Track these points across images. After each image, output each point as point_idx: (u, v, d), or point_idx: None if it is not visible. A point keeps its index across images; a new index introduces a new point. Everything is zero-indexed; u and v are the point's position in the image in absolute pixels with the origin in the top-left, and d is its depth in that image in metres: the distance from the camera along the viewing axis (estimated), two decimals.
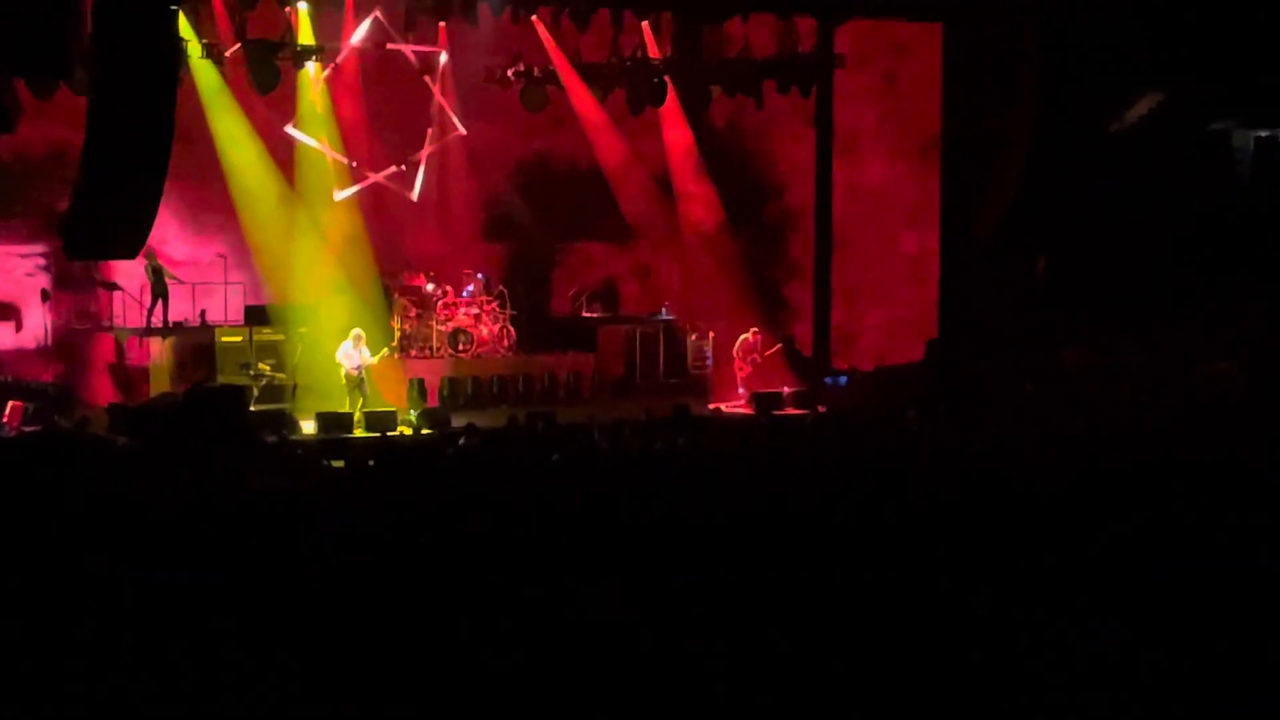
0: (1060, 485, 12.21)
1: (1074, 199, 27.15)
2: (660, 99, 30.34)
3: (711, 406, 27.70)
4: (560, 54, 29.75)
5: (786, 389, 28.08)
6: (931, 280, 31.04)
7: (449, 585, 9.11)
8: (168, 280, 27.35)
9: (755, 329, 28.58)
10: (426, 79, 29.47)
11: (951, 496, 11.83)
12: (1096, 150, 27.14)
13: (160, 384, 26.00)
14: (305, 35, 27.33)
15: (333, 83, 28.39)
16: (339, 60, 28.18)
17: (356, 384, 25.22)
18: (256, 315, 27.76)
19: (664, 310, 32.47)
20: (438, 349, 28.62)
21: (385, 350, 25.91)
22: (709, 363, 30.85)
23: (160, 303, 27.30)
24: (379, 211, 29.86)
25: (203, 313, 28.45)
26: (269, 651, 8.12)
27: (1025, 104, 27.69)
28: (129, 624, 8.46)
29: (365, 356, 25.30)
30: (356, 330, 25.47)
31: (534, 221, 32.47)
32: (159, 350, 26.70)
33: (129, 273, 27.62)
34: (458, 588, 9.06)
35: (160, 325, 27.23)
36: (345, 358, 25.19)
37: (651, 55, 30.06)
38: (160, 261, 27.26)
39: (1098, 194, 26.84)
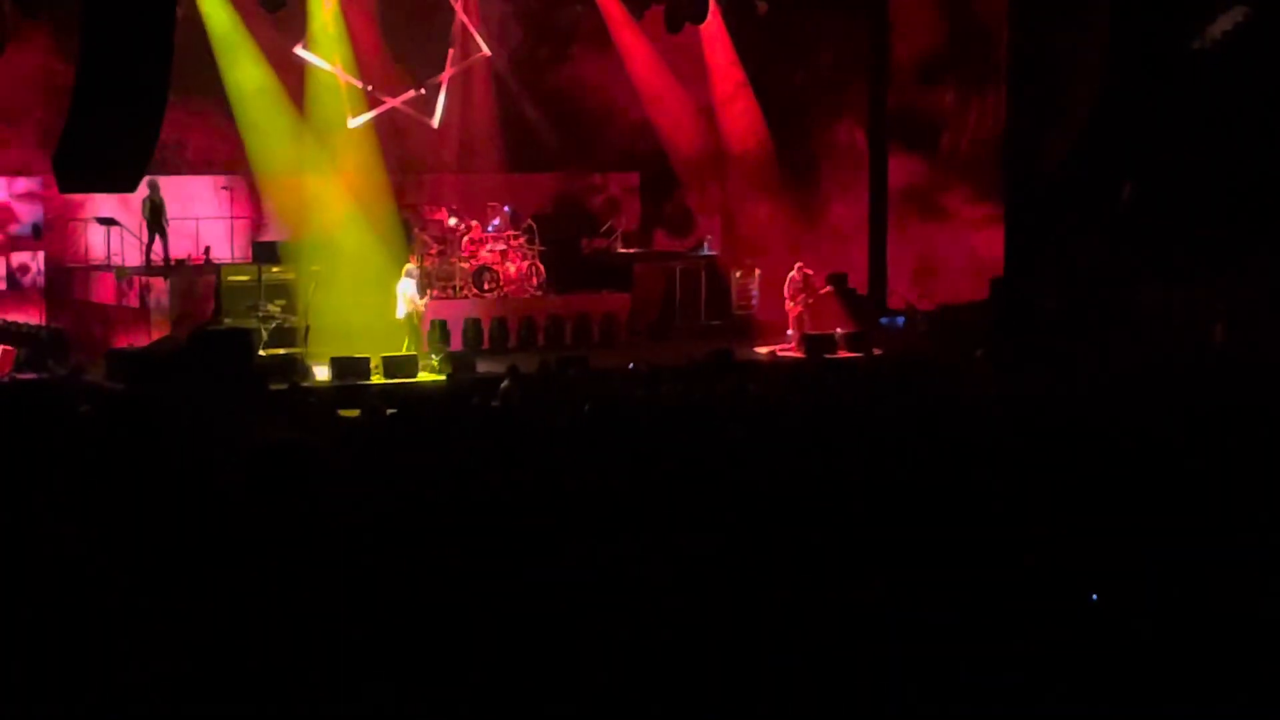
0: (1143, 432, 12.08)
1: (1152, 123, 26.87)
2: (701, 15, 30.09)
3: (758, 350, 27.56)
4: None
5: (839, 330, 27.89)
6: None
7: (469, 546, 9.04)
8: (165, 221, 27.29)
9: (800, 264, 28.31)
10: None
11: (1021, 448, 11.71)
12: (1177, 70, 26.84)
13: (161, 328, 25.97)
14: None
15: (346, 0, 28.25)
16: None
17: (417, 323, 25.44)
18: (265, 252, 27.68)
19: (705, 245, 32.27)
20: (461, 288, 28.49)
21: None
22: (755, 302, 30.67)
23: (160, 239, 27.23)
24: (397, 140, 29.73)
25: (207, 250, 28.38)
26: (277, 616, 8.07)
27: (1097, 20, 27.40)
28: (127, 585, 8.42)
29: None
30: (410, 266, 25.70)
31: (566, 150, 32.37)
32: (160, 291, 26.64)
33: (128, 206, 27.48)
34: (480, 550, 8.99)
35: (161, 264, 27.18)
36: (415, 295, 25.39)
37: None
38: (163, 196, 27.18)
39: (1178, 117, 26.55)
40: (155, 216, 27.02)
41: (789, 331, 28.03)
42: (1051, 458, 11.38)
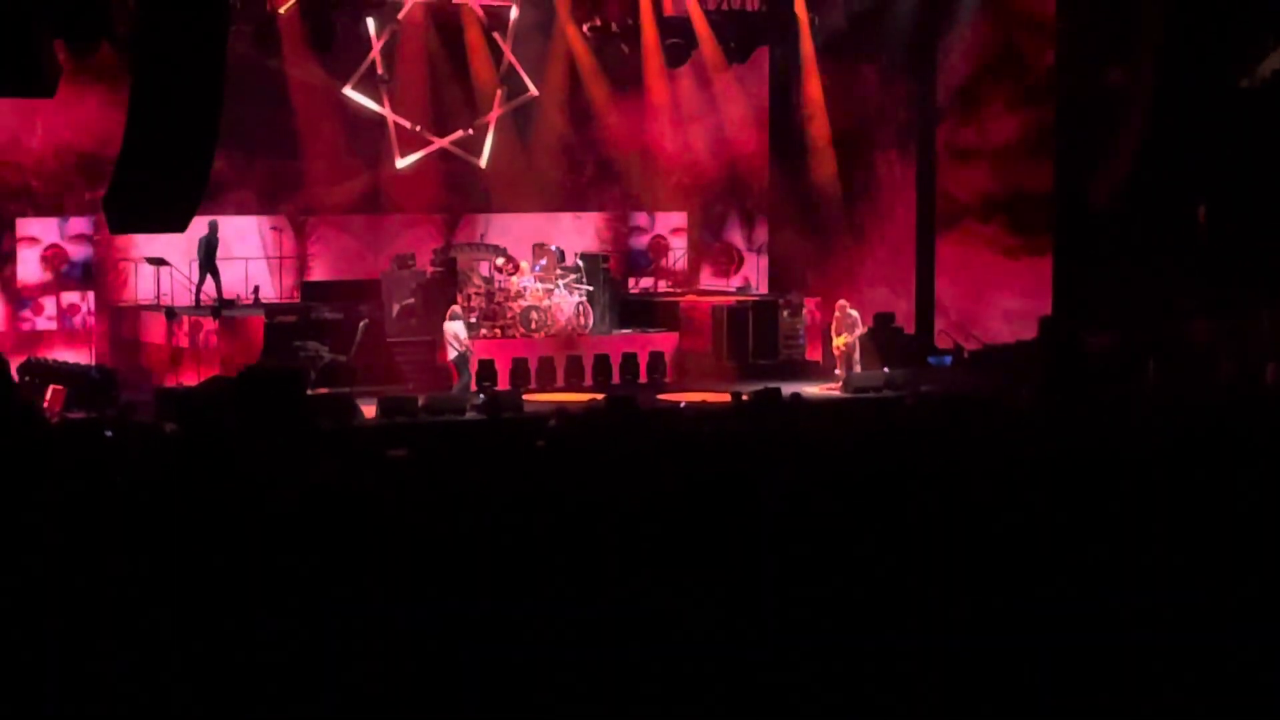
0: (1194, 473, 11.99)
1: (1201, 160, 26.82)
2: (745, 55, 30.20)
3: (806, 390, 27.49)
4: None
5: (886, 369, 27.84)
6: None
7: (513, 584, 9.06)
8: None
9: (843, 302, 28.28)
10: (496, 35, 29.41)
11: (1072, 491, 11.63)
12: (1226, 107, 26.80)
13: (210, 367, 26.09)
14: None
15: (394, 41, 28.41)
16: (401, 15, 28.17)
17: (465, 363, 25.51)
18: (313, 292, 27.80)
19: (752, 284, 32.27)
20: (508, 328, 28.55)
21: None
22: (803, 340, 30.60)
23: (213, 279, 27.40)
24: (444, 179, 29.84)
25: (256, 290, 28.53)
26: (325, 659, 8.09)
27: (1145, 57, 27.39)
28: (171, 626, 8.45)
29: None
30: (455, 307, 25.78)
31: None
32: (210, 330, 26.78)
33: (177, 247, 27.63)
34: (523, 587, 9.00)
35: (211, 303, 27.34)
36: (460, 333, 25.45)
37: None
38: (219, 237, 27.36)
39: (1227, 154, 26.50)
40: (209, 257, 27.21)
41: (837, 370, 27.99)
42: (1101, 498, 11.31)
